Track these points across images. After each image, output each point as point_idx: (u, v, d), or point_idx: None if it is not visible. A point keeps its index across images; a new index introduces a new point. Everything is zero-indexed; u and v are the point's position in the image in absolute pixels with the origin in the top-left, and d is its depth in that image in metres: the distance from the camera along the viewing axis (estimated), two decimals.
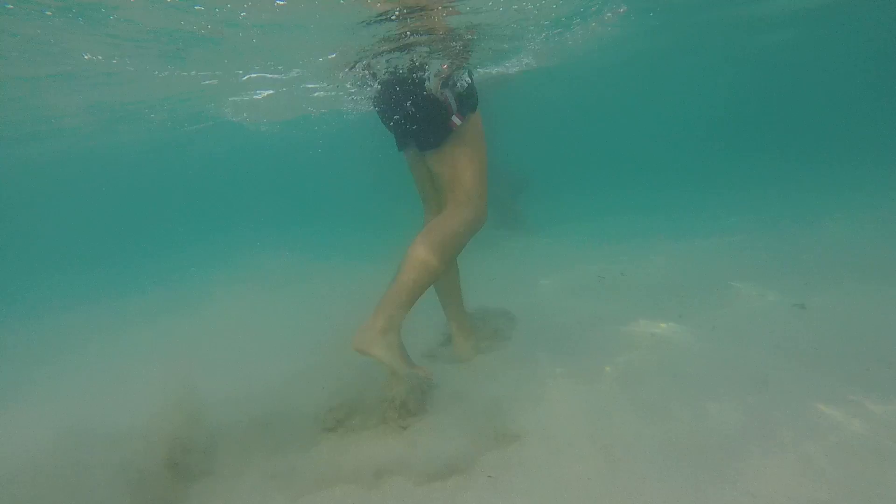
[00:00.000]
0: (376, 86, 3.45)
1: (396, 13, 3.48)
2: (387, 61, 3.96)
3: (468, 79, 2.94)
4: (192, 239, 14.68)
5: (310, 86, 6.87)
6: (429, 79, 2.90)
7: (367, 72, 4.09)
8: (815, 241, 5.17)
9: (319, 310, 4.95)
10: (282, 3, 3.38)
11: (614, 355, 3.14)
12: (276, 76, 6.05)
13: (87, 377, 4.38)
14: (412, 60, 3.82)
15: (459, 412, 2.63)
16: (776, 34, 11.84)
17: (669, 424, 2.36)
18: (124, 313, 6.53)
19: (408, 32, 3.81)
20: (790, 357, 2.86)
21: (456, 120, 2.74)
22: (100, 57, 4.47)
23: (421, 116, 2.81)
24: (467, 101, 2.82)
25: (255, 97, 7.54)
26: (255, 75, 5.99)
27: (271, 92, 7.18)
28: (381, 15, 3.52)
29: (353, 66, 4.33)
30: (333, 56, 4.61)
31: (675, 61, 14.66)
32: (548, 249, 6.62)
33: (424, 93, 2.82)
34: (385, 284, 2.70)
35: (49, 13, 3.32)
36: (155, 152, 15.48)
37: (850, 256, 4.55)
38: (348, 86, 5.25)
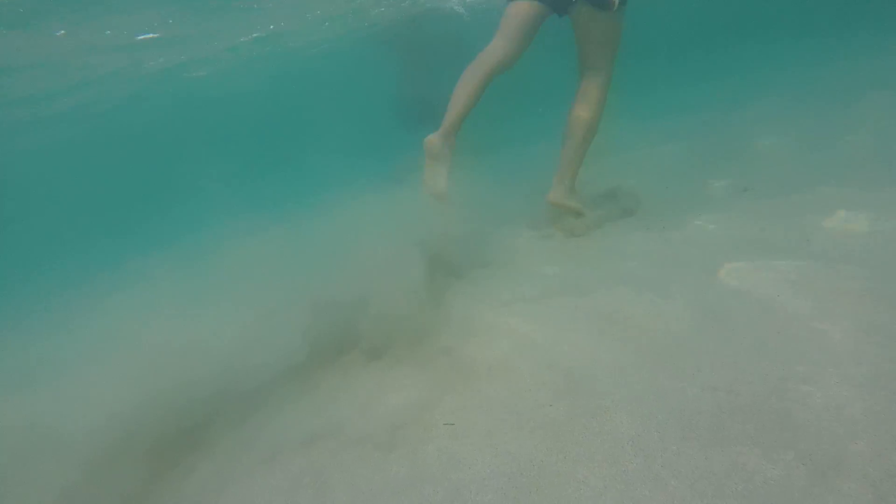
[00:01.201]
0: None
1: None
2: None
3: None
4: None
5: None
6: None
7: None
8: None
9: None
10: None
11: (567, 270, 3.06)
12: None
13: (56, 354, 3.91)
14: None
15: (418, 357, 2.55)
16: None
17: (626, 333, 2.31)
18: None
19: None
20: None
21: (614, 0, 3.14)
22: None
23: None
24: None
25: None
26: None
27: None
28: None
29: None
30: None
31: None
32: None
33: None
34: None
35: None
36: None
37: None
38: None
